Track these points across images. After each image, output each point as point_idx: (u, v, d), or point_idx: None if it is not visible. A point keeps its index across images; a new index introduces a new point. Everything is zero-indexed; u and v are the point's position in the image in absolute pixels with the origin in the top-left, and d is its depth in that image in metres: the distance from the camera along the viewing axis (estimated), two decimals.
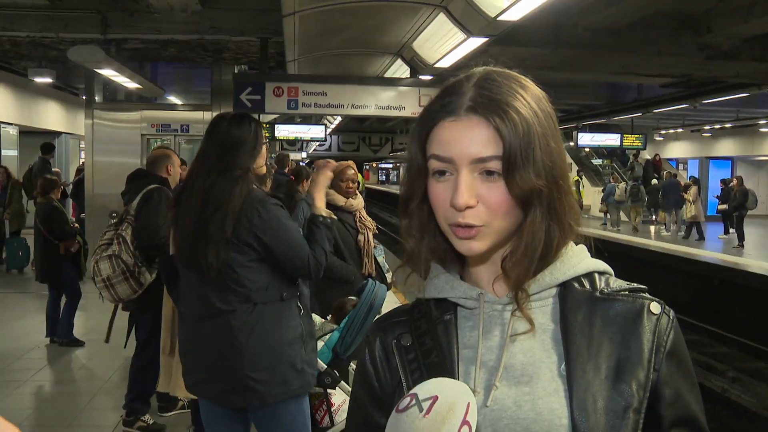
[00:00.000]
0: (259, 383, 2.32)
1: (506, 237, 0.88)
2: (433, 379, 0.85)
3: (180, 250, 2.41)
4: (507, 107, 0.84)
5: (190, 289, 2.45)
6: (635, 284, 0.92)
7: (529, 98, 0.87)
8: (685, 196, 17.23)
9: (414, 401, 0.81)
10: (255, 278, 2.34)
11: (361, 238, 4.16)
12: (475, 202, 0.84)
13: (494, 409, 0.86)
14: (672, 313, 0.90)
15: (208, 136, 2.45)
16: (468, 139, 0.84)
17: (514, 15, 5.25)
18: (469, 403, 0.80)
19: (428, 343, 0.92)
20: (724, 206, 17.04)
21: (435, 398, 0.80)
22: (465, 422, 0.78)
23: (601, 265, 0.94)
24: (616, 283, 0.92)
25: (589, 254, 0.94)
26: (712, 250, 14.30)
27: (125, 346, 5.57)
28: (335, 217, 2.67)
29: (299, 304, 2.45)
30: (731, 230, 16.87)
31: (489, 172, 0.84)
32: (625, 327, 0.87)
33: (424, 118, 0.90)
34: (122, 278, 3.91)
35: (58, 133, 15.81)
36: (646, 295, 0.90)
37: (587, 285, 0.90)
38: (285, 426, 2.45)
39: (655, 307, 0.89)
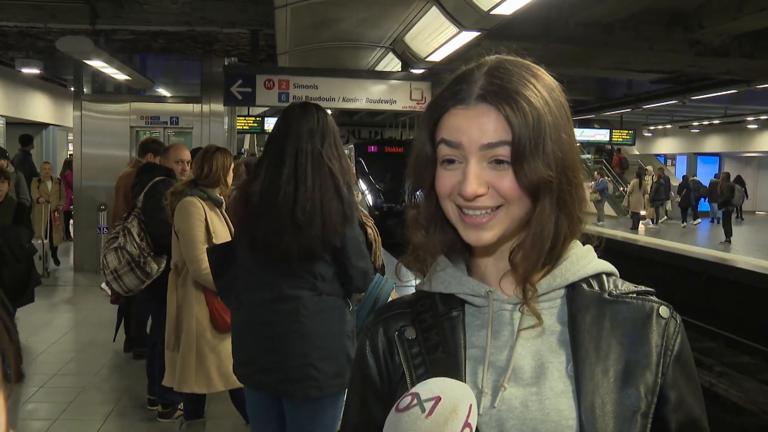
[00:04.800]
0: (321, 372, 2.33)
1: (515, 229, 0.87)
2: (435, 379, 0.83)
3: (259, 239, 2.32)
4: (517, 96, 0.83)
5: (253, 276, 2.41)
6: (643, 287, 0.91)
7: (540, 87, 0.85)
8: (628, 188, 17.69)
9: (415, 401, 0.79)
10: (325, 269, 2.35)
11: (370, 231, 4.14)
12: (485, 189, 0.83)
13: (501, 410, 0.84)
14: (679, 318, 0.89)
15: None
16: (477, 126, 0.83)
17: (507, 9, 5.23)
18: (471, 405, 0.78)
19: (434, 338, 0.89)
20: (678, 198, 18.14)
21: (438, 399, 0.78)
22: (467, 424, 0.77)
23: (608, 266, 0.93)
24: (624, 285, 0.91)
25: (595, 255, 0.93)
26: (697, 245, 14.40)
27: (114, 340, 5.56)
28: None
29: (348, 300, 2.48)
30: (696, 221, 18.08)
31: (499, 161, 0.83)
32: (634, 330, 0.87)
33: (434, 105, 0.88)
34: (128, 269, 3.99)
35: (45, 125, 15.65)
36: (655, 298, 0.90)
37: (596, 286, 0.90)
38: (321, 423, 2.41)
39: (664, 311, 0.89)
